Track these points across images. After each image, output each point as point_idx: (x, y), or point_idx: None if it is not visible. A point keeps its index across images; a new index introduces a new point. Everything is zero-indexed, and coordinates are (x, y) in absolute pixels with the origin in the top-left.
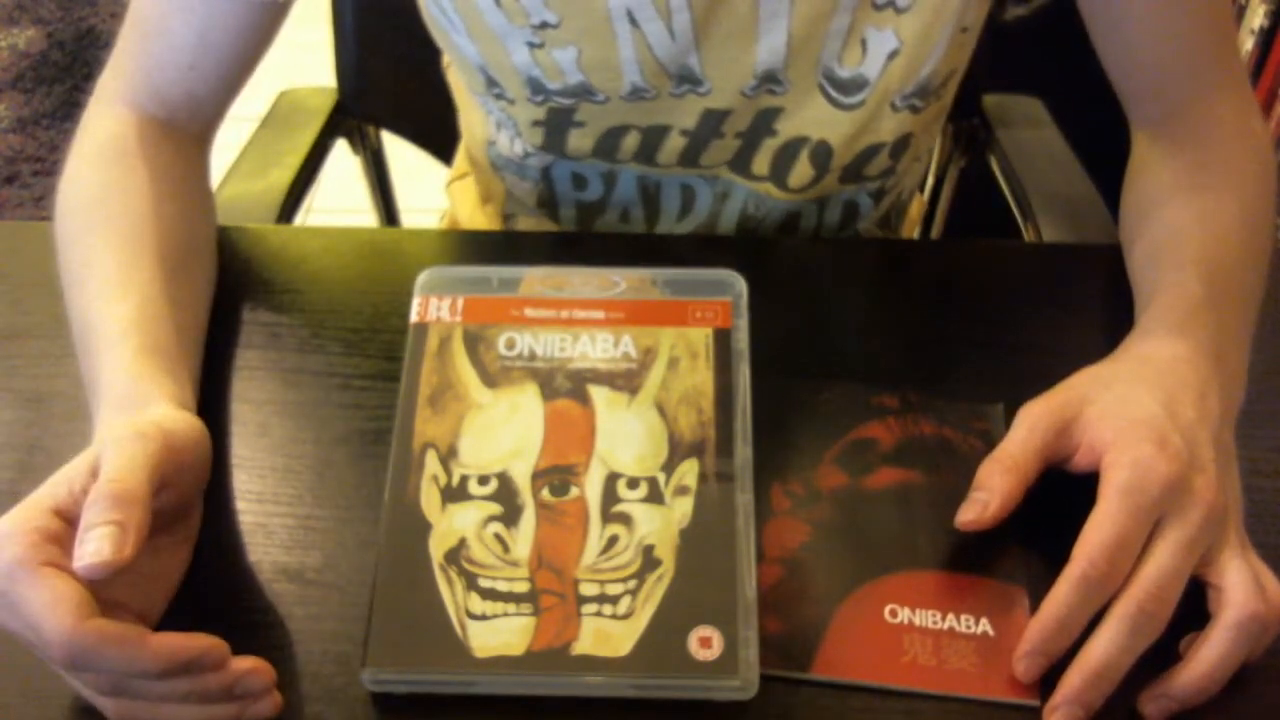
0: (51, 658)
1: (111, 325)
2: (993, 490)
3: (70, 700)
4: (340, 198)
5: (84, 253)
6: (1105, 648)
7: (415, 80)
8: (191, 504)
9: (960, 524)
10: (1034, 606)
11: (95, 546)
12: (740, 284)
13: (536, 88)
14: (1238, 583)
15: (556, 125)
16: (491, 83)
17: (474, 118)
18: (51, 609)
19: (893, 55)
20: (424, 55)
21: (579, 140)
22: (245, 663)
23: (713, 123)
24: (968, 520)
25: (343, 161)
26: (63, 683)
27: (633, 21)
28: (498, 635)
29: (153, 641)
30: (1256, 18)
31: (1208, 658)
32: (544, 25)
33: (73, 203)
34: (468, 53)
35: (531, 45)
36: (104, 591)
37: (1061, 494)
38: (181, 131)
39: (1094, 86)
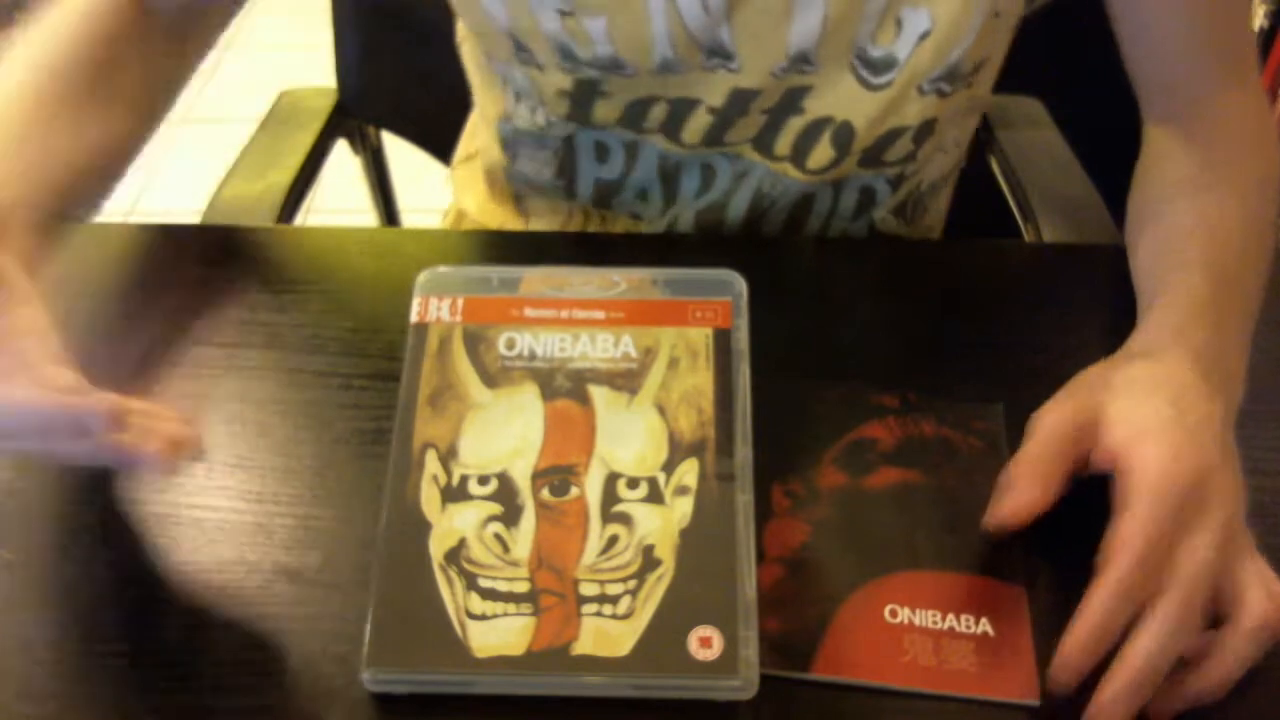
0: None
1: None
2: (1021, 489)
3: (69, 700)
4: (340, 198)
5: None
6: (1148, 646)
7: (415, 80)
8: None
9: (994, 519)
10: (1033, 606)
11: None
12: (740, 284)
13: (566, 54)
14: (1251, 588)
15: (582, 97)
16: (520, 48)
17: (489, 95)
18: None
19: (924, 36)
20: (424, 55)
21: (605, 110)
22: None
23: (741, 102)
24: (1004, 514)
25: (343, 162)
26: (62, 683)
27: None
28: (498, 635)
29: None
30: (1256, 18)
31: (1224, 662)
32: None
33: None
34: (496, 15)
35: (562, 13)
36: None
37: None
38: (156, 12)
39: (1094, 87)
